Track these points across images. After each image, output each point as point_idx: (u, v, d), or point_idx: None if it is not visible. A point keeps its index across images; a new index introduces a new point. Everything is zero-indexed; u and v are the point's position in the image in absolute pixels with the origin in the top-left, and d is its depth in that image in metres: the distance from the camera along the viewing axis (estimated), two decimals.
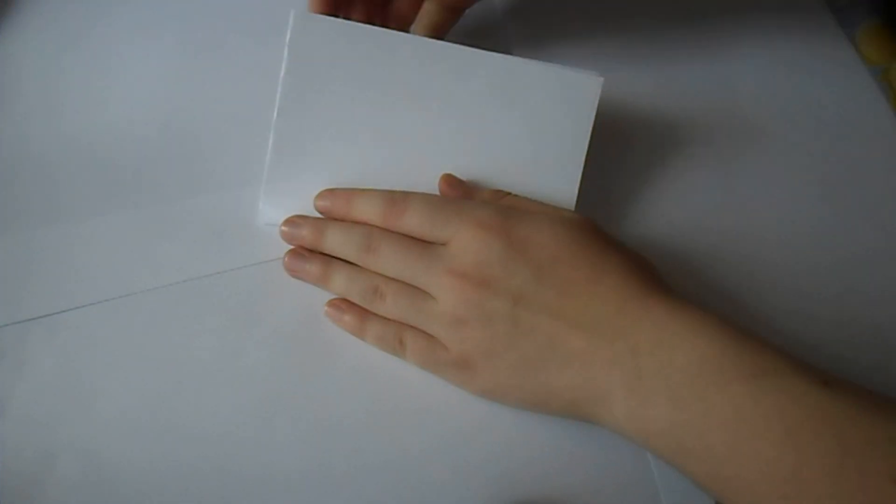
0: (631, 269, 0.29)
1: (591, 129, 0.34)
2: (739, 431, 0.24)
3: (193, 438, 0.32)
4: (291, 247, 0.35)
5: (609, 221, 0.35)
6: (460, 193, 0.34)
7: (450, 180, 0.34)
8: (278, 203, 0.36)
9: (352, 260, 0.33)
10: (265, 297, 0.35)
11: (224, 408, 0.33)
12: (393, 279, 0.32)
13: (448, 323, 0.30)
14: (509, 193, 0.34)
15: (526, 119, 0.35)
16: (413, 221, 0.32)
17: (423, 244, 0.32)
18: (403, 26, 0.38)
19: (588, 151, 0.34)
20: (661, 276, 0.31)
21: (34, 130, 0.38)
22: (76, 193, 0.37)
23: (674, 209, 0.37)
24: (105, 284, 0.35)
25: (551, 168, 0.35)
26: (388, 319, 0.33)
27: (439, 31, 0.37)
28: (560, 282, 0.29)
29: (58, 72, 0.40)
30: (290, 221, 0.35)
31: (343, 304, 0.34)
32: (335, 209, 0.34)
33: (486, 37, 0.41)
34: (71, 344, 0.34)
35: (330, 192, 0.35)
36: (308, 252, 0.34)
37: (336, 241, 0.33)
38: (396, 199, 0.33)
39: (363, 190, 0.34)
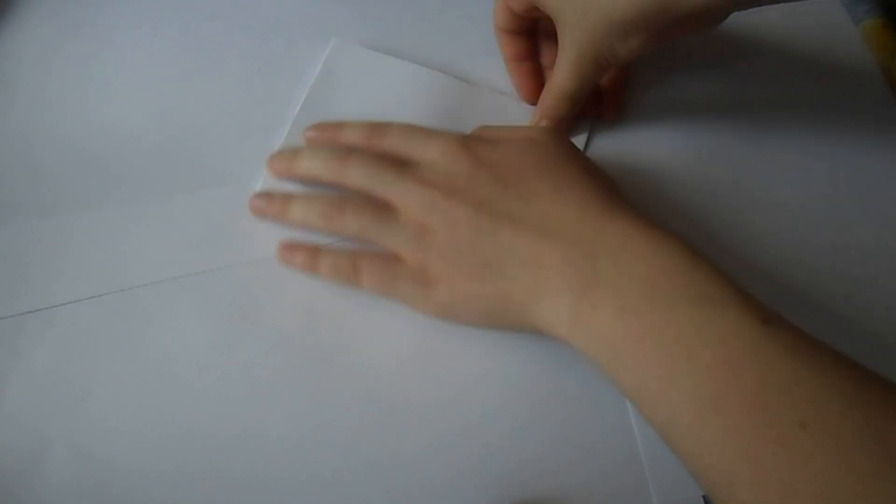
0: (594, 185, 0.30)
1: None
2: (676, 352, 0.25)
3: (186, 435, 0.32)
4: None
5: None
6: None
7: None
8: (278, 183, 0.36)
9: (320, 172, 0.34)
10: (261, 293, 0.35)
11: (218, 404, 0.32)
12: (354, 196, 0.33)
13: (411, 230, 0.31)
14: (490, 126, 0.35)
15: None
16: (391, 140, 0.34)
17: (394, 160, 0.33)
18: None
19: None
20: (624, 195, 0.32)
21: (32, 123, 0.38)
22: (73, 187, 0.37)
23: (679, 206, 0.37)
24: (101, 279, 0.35)
25: None
26: (341, 250, 0.34)
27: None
28: (523, 192, 0.30)
29: (56, 65, 0.40)
30: (272, 157, 0.36)
31: (293, 245, 0.34)
32: (324, 136, 0.36)
33: None
34: (66, 338, 0.33)
35: (321, 123, 0.36)
36: (271, 195, 0.35)
37: (307, 157, 0.35)
38: (380, 124, 0.35)
39: (349, 122, 0.36)
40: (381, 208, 0.32)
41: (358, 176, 0.33)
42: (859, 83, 0.41)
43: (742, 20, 0.42)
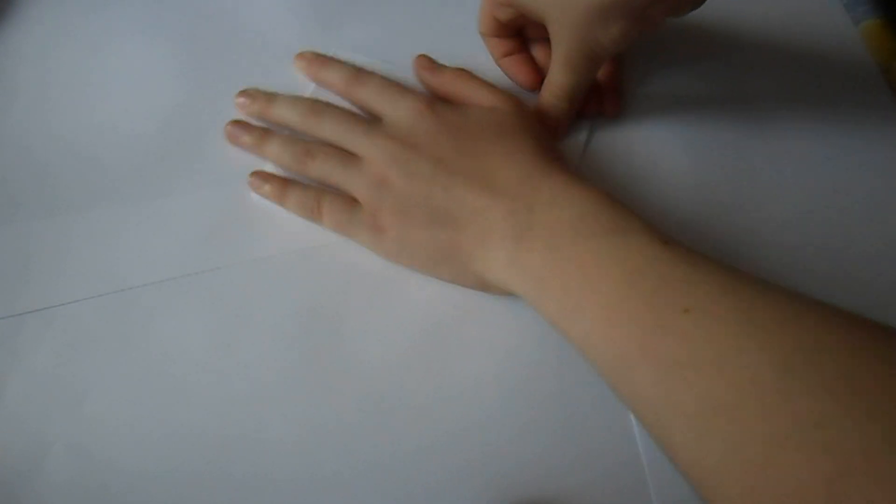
0: (539, 151, 0.33)
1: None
2: (591, 273, 0.29)
3: (185, 435, 0.32)
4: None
5: None
6: (431, 69, 0.38)
7: (424, 61, 0.38)
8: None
9: (295, 124, 0.37)
10: (260, 293, 0.35)
11: (217, 405, 0.32)
12: (325, 144, 0.36)
13: (371, 179, 0.34)
14: (471, 74, 0.37)
15: None
16: (367, 92, 0.37)
17: (363, 118, 0.36)
18: None
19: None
20: (564, 159, 0.35)
21: (32, 124, 0.38)
22: (73, 187, 0.37)
23: (679, 203, 0.37)
24: (100, 279, 0.34)
25: None
26: (308, 187, 0.36)
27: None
28: (478, 154, 0.33)
29: (56, 65, 0.40)
30: (245, 93, 0.38)
31: (264, 174, 0.36)
32: (310, 69, 0.39)
33: None
34: (65, 338, 0.33)
35: (311, 55, 0.39)
36: (250, 125, 0.38)
37: (282, 106, 0.37)
38: (361, 73, 0.37)
39: (337, 61, 0.39)
40: (347, 157, 0.35)
41: (330, 130, 0.36)
42: (859, 83, 0.41)
43: (742, 20, 0.42)
